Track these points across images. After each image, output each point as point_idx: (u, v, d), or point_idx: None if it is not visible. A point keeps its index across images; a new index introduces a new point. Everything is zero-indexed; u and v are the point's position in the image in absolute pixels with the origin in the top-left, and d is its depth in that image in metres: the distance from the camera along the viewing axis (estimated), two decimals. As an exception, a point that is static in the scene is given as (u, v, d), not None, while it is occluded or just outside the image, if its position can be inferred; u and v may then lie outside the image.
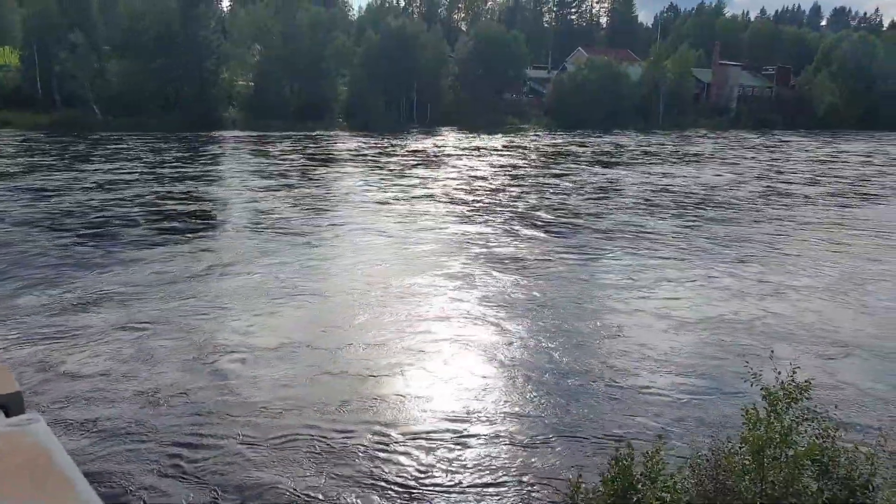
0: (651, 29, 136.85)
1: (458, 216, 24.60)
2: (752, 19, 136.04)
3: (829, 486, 6.01)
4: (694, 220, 24.75)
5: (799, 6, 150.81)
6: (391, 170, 36.70)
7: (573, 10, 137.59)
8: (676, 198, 29.88)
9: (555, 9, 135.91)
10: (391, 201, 27.22)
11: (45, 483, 1.19)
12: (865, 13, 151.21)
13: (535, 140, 58.59)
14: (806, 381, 6.21)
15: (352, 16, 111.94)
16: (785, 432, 5.93)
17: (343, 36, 73.46)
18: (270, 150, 44.83)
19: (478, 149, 49.80)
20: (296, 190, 29.20)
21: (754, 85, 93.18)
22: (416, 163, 40.03)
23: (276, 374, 10.90)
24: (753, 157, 48.52)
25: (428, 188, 30.61)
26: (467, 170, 37.49)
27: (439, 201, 27.42)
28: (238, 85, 66.04)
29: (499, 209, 26.00)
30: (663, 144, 57.15)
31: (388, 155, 44.09)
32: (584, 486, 6.56)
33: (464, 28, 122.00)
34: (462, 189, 30.67)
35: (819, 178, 37.69)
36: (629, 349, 12.25)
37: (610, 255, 19.41)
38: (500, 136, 61.48)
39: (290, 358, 11.56)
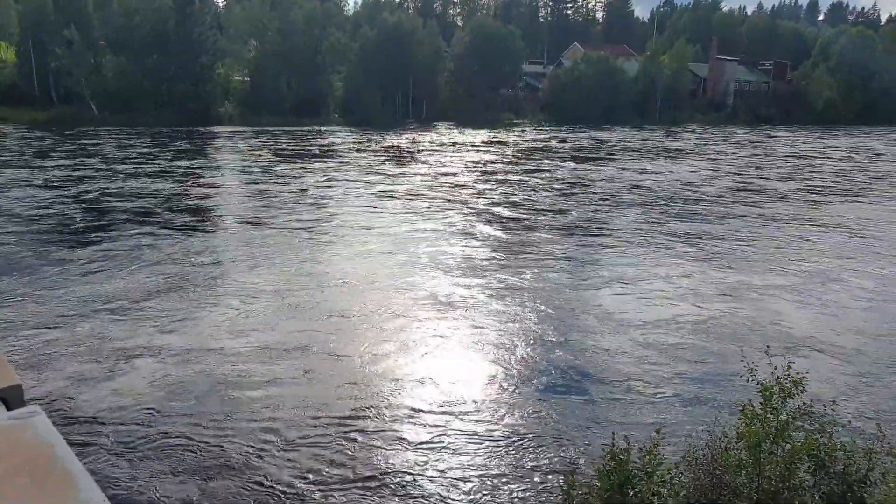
0: (647, 24, 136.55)
1: (410, 211, 24.36)
2: (749, 14, 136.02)
3: (825, 481, 6.00)
4: (657, 217, 24.54)
5: (796, 1, 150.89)
6: (368, 165, 36.46)
7: (569, 4, 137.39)
8: (644, 194, 29.65)
9: (550, 3, 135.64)
10: (354, 198, 27.07)
11: (46, 477, 1.18)
12: (863, 8, 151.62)
13: (520, 136, 58.14)
14: (800, 376, 6.19)
15: (347, 11, 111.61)
16: (781, 427, 5.92)
17: (338, 31, 73.26)
18: (249, 146, 44.62)
19: (463, 144, 49.48)
20: (268, 186, 29.04)
21: (751, 80, 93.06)
22: (389, 158, 39.94)
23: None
24: (734, 153, 48.20)
25: (391, 184, 30.31)
26: (440, 166, 37.18)
27: (397, 198, 27.15)
28: (234, 81, 65.89)
29: (459, 205, 25.86)
30: (646, 140, 56.75)
31: (374, 151, 43.87)
32: (579, 480, 6.55)
33: (459, 23, 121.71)
34: (427, 185, 30.38)
35: (795, 175, 37.42)
36: (565, 352, 12.15)
37: (566, 252, 19.19)
38: (485, 131, 61.24)
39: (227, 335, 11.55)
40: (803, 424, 6.14)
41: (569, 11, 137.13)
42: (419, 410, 10.02)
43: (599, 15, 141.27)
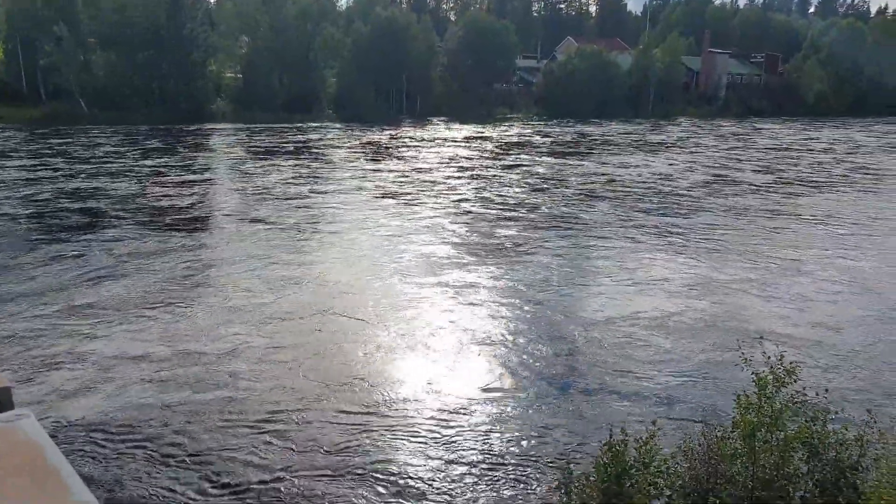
0: (640, 17, 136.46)
1: (376, 208, 24.25)
2: (741, 7, 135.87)
3: (819, 468, 6.09)
4: (626, 211, 24.45)
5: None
6: (339, 162, 36.20)
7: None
8: (617, 188, 29.52)
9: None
10: (322, 194, 26.96)
11: (37, 477, 1.20)
12: (853, 0, 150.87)
13: (505, 131, 57.65)
14: (793, 365, 6.26)
15: (340, 6, 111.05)
16: (775, 416, 6.00)
17: (331, 27, 72.98)
18: (226, 143, 44.18)
19: (445, 140, 49.16)
20: (231, 184, 28.91)
21: (743, 73, 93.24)
22: (364, 154, 39.79)
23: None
24: (715, 146, 47.98)
25: (359, 181, 30.11)
26: (416, 161, 36.97)
27: (362, 193, 27.01)
28: (226, 77, 65.56)
29: (427, 200, 25.81)
30: (630, 133, 56.69)
31: (351, 147, 43.52)
32: (577, 472, 6.61)
33: (453, 18, 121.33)
34: (398, 182, 30.16)
35: (773, 167, 37.35)
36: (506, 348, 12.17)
37: (527, 247, 19.04)
38: (475, 126, 60.98)
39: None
40: (796, 413, 6.21)
41: (562, 5, 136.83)
42: (403, 402, 10.07)
43: (592, 9, 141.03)
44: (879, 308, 14.47)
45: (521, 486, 8.09)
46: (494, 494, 7.93)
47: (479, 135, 53.59)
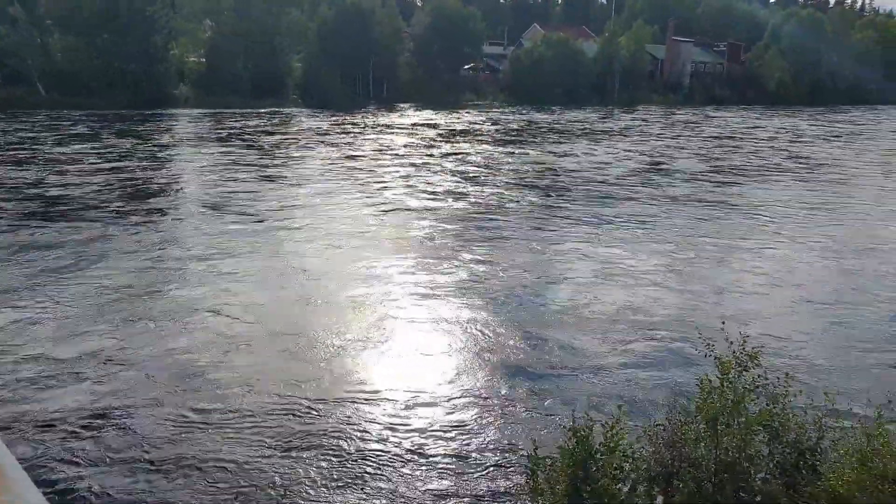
0: (606, 5, 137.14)
1: (287, 196, 23.77)
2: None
3: (779, 450, 6.23)
4: (554, 200, 24.07)
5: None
6: (268, 149, 35.36)
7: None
8: (549, 176, 29.14)
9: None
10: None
11: None
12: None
13: (458, 118, 56.71)
14: (755, 349, 6.37)
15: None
16: (737, 400, 6.11)
17: (296, 11, 72.05)
18: (159, 128, 43.06)
19: (390, 126, 48.34)
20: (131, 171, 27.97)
21: (706, 61, 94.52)
22: (296, 141, 38.78)
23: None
24: (661, 134, 47.78)
25: (278, 168, 29.40)
26: (351, 148, 36.24)
27: (276, 181, 26.42)
28: (189, 62, 64.36)
29: (350, 188, 25.30)
30: (576, 121, 56.41)
31: (285, 133, 42.52)
32: (542, 458, 6.66)
33: (419, 3, 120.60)
34: (323, 169, 29.42)
35: (710, 155, 37.30)
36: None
37: (444, 236, 18.64)
38: (436, 112, 60.45)
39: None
40: (758, 397, 6.34)
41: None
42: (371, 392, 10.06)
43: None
44: (793, 299, 14.37)
45: (489, 472, 8.15)
46: (461, 481, 7.97)
47: (429, 122, 52.60)
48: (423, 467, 8.26)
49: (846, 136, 50.67)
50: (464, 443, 8.78)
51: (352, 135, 42.56)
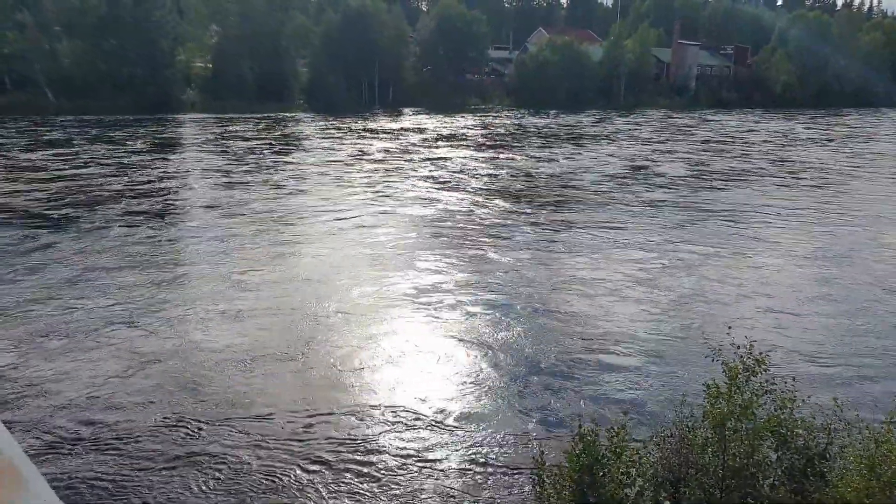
0: (611, 8, 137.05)
1: (260, 200, 23.87)
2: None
3: (787, 456, 6.18)
4: (523, 205, 23.85)
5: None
6: (240, 155, 35.10)
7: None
8: (526, 182, 28.67)
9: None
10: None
11: (2, 482, 1.14)
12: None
13: (450, 122, 56.18)
14: (763, 355, 6.34)
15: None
16: (745, 405, 6.07)
17: (302, 15, 72.18)
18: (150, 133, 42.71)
19: (374, 131, 47.82)
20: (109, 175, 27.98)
21: (713, 64, 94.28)
22: (275, 148, 38.23)
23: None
24: (649, 138, 47.00)
25: (247, 174, 29.26)
26: (326, 152, 36.05)
27: (246, 185, 26.48)
28: (195, 66, 64.53)
29: (315, 196, 25.14)
30: (570, 125, 55.98)
31: (266, 139, 42.10)
32: (549, 463, 6.63)
33: (424, 8, 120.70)
34: (295, 176, 29.28)
35: (696, 160, 36.75)
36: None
37: (400, 244, 18.50)
38: (442, 116, 60.40)
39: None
40: (765, 402, 6.30)
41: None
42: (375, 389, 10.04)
43: (564, 0, 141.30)
44: (756, 308, 14.12)
45: (497, 476, 8.12)
46: (468, 486, 7.94)
47: (418, 126, 51.74)
48: (430, 471, 8.23)
49: (840, 139, 50.13)
50: (470, 447, 8.76)
51: (337, 139, 42.25)
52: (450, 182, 28.25)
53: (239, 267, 16.04)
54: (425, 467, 8.33)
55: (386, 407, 9.76)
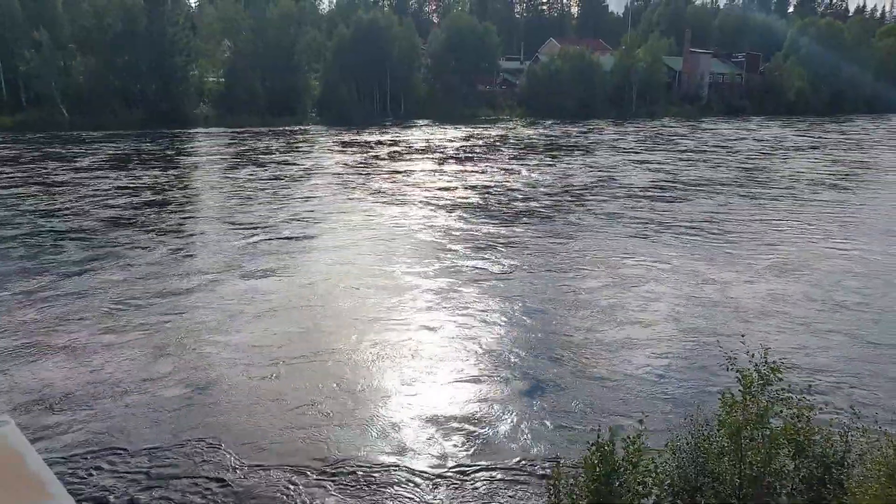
0: (621, 18, 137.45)
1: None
2: (721, 7, 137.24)
3: (805, 464, 6.14)
4: (479, 218, 23.19)
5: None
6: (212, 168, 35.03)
7: (544, 0, 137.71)
8: (489, 195, 27.77)
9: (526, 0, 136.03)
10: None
11: (18, 485, 1.17)
12: (831, 0, 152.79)
13: (430, 134, 55.48)
14: (777, 363, 6.32)
15: (322, 9, 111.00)
16: (761, 414, 6.04)
17: (314, 30, 72.94)
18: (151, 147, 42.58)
19: (352, 143, 47.47)
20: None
21: (724, 72, 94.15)
22: (252, 160, 38.01)
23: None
24: (630, 149, 45.79)
25: (217, 184, 29.32)
26: (296, 165, 35.79)
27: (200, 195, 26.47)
28: (208, 82, 65.29)
29: (285, 197, 25.41)
30: (554, 137, 54.89)
31: (246, 151, 41.97)
32: (566, 471, 6.63)
33: (435, 20, 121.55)
34: (257, 188, 28.92)
35: (671, 170, 35.75)
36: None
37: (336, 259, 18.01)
38: (434, 127, 60.12)
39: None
40: (781, 410, 6.27)
41: (544, 7, 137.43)
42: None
43: (574, 10, 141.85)
44: (685, 331, 13.43)
45: (511, 484, 8.11)
46: (484, 493, 7.94)
47: (396, 140, 50.63)
48: (443, 477, 8.24)
49: (829, 146, 49.26)
50: (484, 454, 8.76)
51: (304, 153, 41.55)
52: (404, 198, 27.17)
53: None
54: (438, 473, 8.34)
55: (395, 412, 9.78)
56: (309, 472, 8.37)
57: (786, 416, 6.28)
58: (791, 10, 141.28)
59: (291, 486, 8.08)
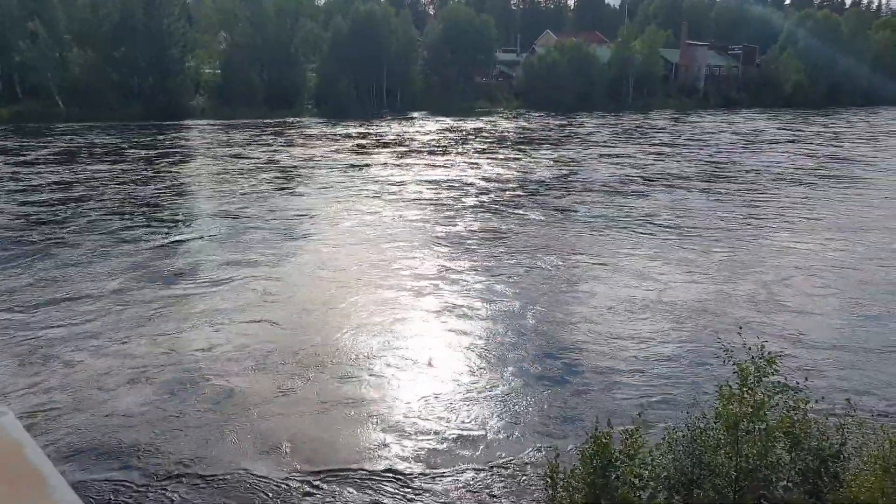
0: (618, 10, 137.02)
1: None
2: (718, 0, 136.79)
3: (801, 457, 6.17)
4: (422, 215, 22.78)
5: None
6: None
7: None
8: (441, 191, 27.31)
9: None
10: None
11: (16, 478, 1.17)
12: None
13: (407, 126, 55.13)
14: (773, 355, 6.33)
15: (319, 2, 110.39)
16: (758, 406, 6.06)
17: (311, 22, 72.56)
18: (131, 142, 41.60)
19: (332, 136, 47.08)
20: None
21: (721, 64, 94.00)
22: (231, 151, 38.24)
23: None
24: (605, 142, 45.46)
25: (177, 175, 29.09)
26: (257, 159, 35.27)
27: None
28: (204, 73, 64.93)
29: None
30: (530, 130, 54.49)
31: (224, 142, 41.64)
32: (562, 464, 6.65)
33: (432, 12, 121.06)
34: (212, 180, 29.12)
35: (638, 164, 35.46)
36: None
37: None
38: (393, 124, 60.25)
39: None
40: (778, 403, 6.28)
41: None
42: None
43: (571, 2, 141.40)
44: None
45: (508, 478, 8.14)
46: (480, 486, 7.96)
47: (362, 133, 49.80)
48: (439, 471, 8.26)
49: (807, 140, 48.92)
50: (480, 447, 8.77)
51: (270, 147, 40.86)
52: (344, 194, 26.64)
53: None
54: (434, 467, 8.36)
55: (393, 409, 9.79)
56: (294, 474, 8.39)
57: (782, 408, 6.30)
58: (787, 2, 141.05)
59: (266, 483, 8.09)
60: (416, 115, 65.51)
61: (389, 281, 15.56)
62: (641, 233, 20.66)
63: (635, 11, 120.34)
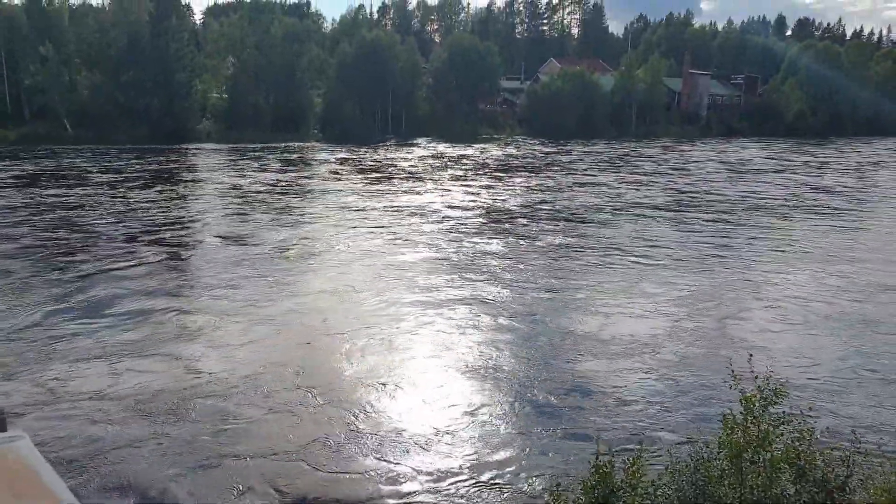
0: (621, 39, 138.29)
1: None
2: (720, 29, 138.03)
3: (806, 489, 6.07)
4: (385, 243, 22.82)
5: (764, 17, 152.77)
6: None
7: (545, 21, 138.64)
8: (404, 218, 27.33)
9: (527, 20, 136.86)
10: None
11: (32, 499, 1.16)
12: (829, 24, 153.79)
13: (405, 153, 55.30)
14: (780, 385, 6.27)
15: (325, 28, 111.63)
16: (762, 436, 5.98)
17: (317, 48, 73.34)
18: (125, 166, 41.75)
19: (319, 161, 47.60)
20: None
21: (723, 94, 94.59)
22: (217, 176, 38.19)
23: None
24: (586, 170, 45.53)
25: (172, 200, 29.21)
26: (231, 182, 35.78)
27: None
28: (212, 97, 65.52)
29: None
30: (515, 156, 54.64)
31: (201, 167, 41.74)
32: (564, 493, 6.56)
33: (437, 40, 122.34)
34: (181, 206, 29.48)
35: (604, 192, 35.55)
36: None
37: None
38: (381, 150, 60.03)
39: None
40: (783, 432, 6.21)
41: (544, 27, 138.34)
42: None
43: (575, 31, 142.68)
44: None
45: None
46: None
47: (354, 157, 50.78)
48: (441, 498, 8.17)
49: (792, 170, 48.80)
50: (483, 473, 8.69)
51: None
52: (306, 221, 26.92)
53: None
54: (436, 493, 8.27)
55: (396, 431, 9.72)
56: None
57: (786, 439, 6.23)
58: (789, 32, 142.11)
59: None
60: (420, 140, 65.81)
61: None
62: (599, 263, 20.61)
63: (639, 40, 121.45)
